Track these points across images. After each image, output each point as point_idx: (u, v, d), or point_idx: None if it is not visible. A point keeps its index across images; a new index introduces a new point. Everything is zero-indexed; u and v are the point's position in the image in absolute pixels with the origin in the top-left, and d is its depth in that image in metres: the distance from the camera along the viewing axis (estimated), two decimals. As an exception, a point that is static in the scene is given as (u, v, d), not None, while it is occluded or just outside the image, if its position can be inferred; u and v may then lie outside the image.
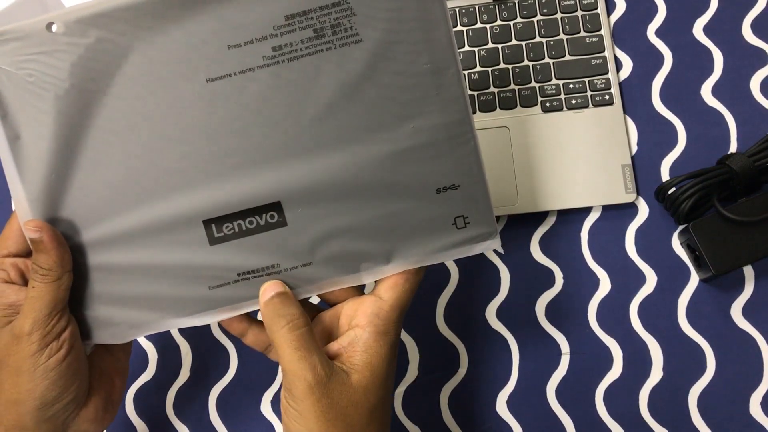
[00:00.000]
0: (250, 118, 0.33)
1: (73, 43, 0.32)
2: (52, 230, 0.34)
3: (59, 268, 0.34)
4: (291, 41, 0.32)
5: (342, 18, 0.32)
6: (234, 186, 0.34)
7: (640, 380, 0.46)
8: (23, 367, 0.33)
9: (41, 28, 0.32)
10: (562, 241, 0.49)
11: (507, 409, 0.47)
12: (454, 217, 0.35)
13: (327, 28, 0.32)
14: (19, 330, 0.33)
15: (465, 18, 0.53)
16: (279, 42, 0.32)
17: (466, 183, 0.35)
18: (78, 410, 0.36)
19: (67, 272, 0.34)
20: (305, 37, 0.32)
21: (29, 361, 0.33)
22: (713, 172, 0.46)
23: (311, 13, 0.32)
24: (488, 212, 0.35)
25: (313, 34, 0.32)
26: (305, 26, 0.32)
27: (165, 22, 0.32)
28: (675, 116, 0.50)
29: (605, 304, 0.48)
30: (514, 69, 0.52)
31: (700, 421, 0.45)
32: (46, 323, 0.33)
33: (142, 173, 0.34)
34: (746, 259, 0.44)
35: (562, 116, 0.50)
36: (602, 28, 0.52)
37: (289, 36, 0.32)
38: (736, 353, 0.46)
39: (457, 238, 0.36)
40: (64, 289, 0.34)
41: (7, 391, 0.34)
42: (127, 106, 0.33)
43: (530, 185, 0.49)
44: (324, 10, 0.32)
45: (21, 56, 0.32)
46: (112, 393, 0.39)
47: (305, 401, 0.32)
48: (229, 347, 0.51)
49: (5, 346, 0.34)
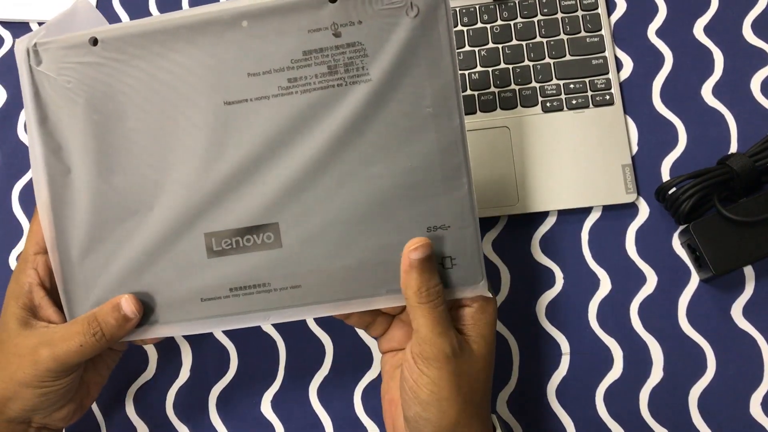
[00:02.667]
0: (258, 141, 0.35)
1: (111, 58, 0.35)
2: (140, 318, 0.36)
3: (115, 342, 0.36)
4: (306, 75, 0.34)
5: (355, 57, 0.34)
6: (236, 204, 0.36)
7: (640, 380, 0.46)
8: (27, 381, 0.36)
9: (85, 41, 0.35)
10: (562, 241, 0.49)
11: (507, 409, 0.47)
12: (442, 257, 0.36)
13: (340, 65, 0.34)
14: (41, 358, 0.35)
15: (465, 18, 0.53)
16: (295, 74, 0.34)
17: (457, 225, 0.36)
18: (53, 413, 0.39)
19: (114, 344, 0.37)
20: (319, 72, 0.34)
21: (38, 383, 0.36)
22: (714, 173, 0.46)
23: (328, 50, 0.34)
24: (476, 257, 0.36)
25: (327, 70, 0.34)
26: (320, 62, 0.34)
27: (194, 47, 0.35)
28: (675, 116, 0.50)
29: (605, 304, 0.48)
30: (515, 69, 0.52)
31: (701, 421, 0.45)
32: (71, 367, 0.36)
33: (154, 183, 0.36)
34: (746, 259, 0.44)
35: (563, 116, 0.50)
36: (603, 28, 0.52)
37: (305, 70, 0.34)
38: (737, 353, 0.46)
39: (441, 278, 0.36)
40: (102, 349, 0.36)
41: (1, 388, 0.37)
42: (151, 119, 0.35)
43: (530, 185, 0.49)
44: (340, 48, 0.34)
45: (63, 64, 0.35)
46: (86, 400, 0.42)
47: (442, 370, 0.34)
48: (229, 347, 0.51)
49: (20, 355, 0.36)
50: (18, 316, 0.37)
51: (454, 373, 0.34)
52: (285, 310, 0.37)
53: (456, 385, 0.34)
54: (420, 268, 0.34)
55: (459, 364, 0.34)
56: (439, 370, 0.34)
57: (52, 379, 0.36)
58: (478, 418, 0.35)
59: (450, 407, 0.34)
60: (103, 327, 0.35)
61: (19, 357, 0.36)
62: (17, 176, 0.56)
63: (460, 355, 0.34)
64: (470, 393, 0.35)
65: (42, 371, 0.36)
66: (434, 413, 0.34)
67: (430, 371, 0.34)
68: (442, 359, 0.34)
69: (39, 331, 0.37)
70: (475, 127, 0.51)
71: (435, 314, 0.34)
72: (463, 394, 0.34)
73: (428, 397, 0.34)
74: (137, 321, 0.36)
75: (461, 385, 0.34)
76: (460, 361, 0.34)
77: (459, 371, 0.34)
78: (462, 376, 0.34)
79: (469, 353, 0.35)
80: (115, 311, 0.35)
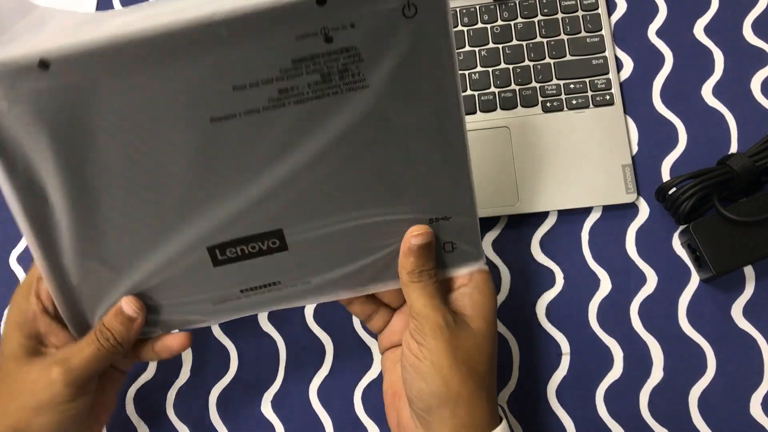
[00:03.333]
0: (254, 155, 0.33)
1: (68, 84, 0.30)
2: (145, 316, 0.37)
3: (129, 346, 0.37)
4: (298, 84, 0.32)
5: (350, 63, 0.31)
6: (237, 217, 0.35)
7: (640, 380, 0.46)
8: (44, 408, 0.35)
9: (33, 65, 0.29)
10: (562, 241, 0.49)
11: (507, 409, 0.47)
12: (443, 242, 0.37)
13: (335, 72, 0.32)
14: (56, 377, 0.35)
15: (466, 18, 0.53)
16: (286, 85, 0.32)
17: (458, 215, 0.37)
18: None
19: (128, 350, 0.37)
20: (312, 81, 0.32)
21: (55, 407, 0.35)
22: (714, 173, 0.46)
23: (319, 57, 0.31)
24: (475, 238, 0.38)
25: (320, 79, 0.32)
26: (312, 70, 0.31)
27: (169, 60, 0.30)
28: (675, 116, 0.50)
29: (605, 304, 0.48)
30: (515, 69, 0.52)
31: (701, 421, 0.45)
32: (86, 380, 0.36)
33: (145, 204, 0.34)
34: (747, 259, 0.44)
35: (563, 116, 0.50)
36: (603, 28, 0.52)
37: (296, 80, 0.31)
38: (737, 353, 0.46)
39: (444, 260, 0.38)
40: (117, 359, 0.37)
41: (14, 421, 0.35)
42: (129, 143, 0.32)
43: (530, 185, 0.49)
44: (332, 55, 0.31)
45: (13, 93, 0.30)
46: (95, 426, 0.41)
47: (437, 339, 0.35)
48: (230, 347, 0.51)
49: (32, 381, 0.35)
50: (25, 345, 0.36)
51: (450, 344, 0.35)
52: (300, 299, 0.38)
53: (454, 355, 0.34)
54: (418, 253, 0.36)
55: (455, 335, 0.35)
56: (436, 340, 0.35)
57: (68, 400, 0.36)
58: (484, 394, 0.35)
59: (452, 377, 0.34)
60: (113, 332, 0.36)
61: (31, 383, 0.35)
62: (17, 176, 0.56)
63: (455, 328, 0.35)
64: (471, 366, 0.35)
65: (57, 391, 0.35)
66: (437, 384, 0.34)
67: (427, 341, 0.35)
68: (437, 330, 0.35)
69: (50, 353, 0.37)
70: (475, 127, 0.51)
71: (428, 290, 0.36)
72: (463, 364, 0.35)
73: (429, 368, 0.34)
74: (142, 320, 0.36)
75: (459, 356, 0.35)
76: (455, 332, 0.35)
77: (456, 343, 0.35)
78: (460, 348, 0.35)
79: (465, 328, 0.36)
80: (118, 315, 0.36)
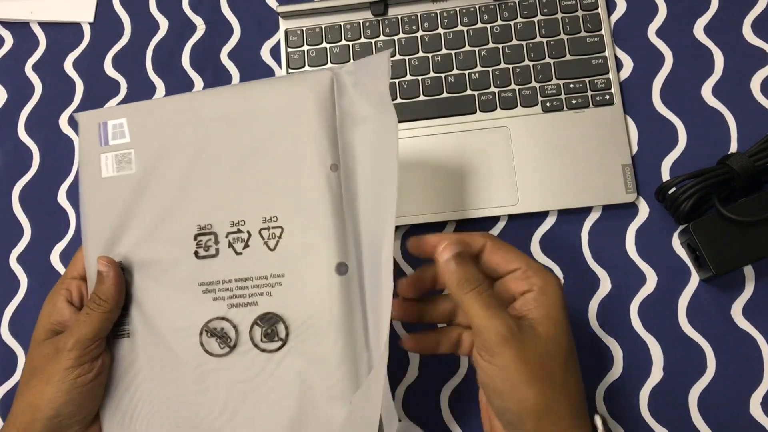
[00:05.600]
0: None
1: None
2: (118, 269, 0.39)
3: (114, 302, 0.39)
4: None
5: None
6: None
7: (640, 380, 0.46)
8: (54, 378, 0.37)
9: None
10: (562, 241, 0.49)
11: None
12: None
13: None
14: (62, 345, 0.37)
15: (465, 18, 0.53)
16: None
17: None
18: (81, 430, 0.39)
19: (119, 308, 0.39)
20: None
21: (62, 373, 0.37)
22: (713, 172, 0.46)
23: None
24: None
25: None
26: None
27: None
28: (675, 116, 0.50)
29: (605, 304, 0.48)
30: (515, 69, 0.52)
31: (701, 421, 0.45)
32: (87, 345, 0.38)
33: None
34: (746, 259, 0.44)
35: (563, 116, 0.50)
36: (603, 28, 0.52)
37: None
38: (737, 353, 0.46)
39: None
40: (111, 320, 0.39)
41: (32, 396, 0.37)
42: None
43: (530, 185, 0.49)
44: None
45: None
46: None
47: (504, 354, 0.33)
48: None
49: (45, 356, 0.38)
50: (48, 330, 0.40)
51: (519, 356, 0.33)
52: None
53: (525, 367, 0.33)
54: (455, 264, 0.35)
55: (522, 343, 0.33)
56: (503, 354, 0.33)
57: (72, 366, 0.37)
58: (565, 402, 0.33)
59: (527, 392, 0.32)
60: (98, 293, 0.39)
61: (44, 357, 0.38)
62: (17, 176, 0.56)
63: (520, 335, 0.33)
64: (545, 374, 0.33)
65: (63, 357, 0.37)
66: (513, 402, 0.33)
67: (495, 359, 0.33)
68: (502, 342, 0.33)
69: None
70: (475, 127, 0.51)
71: (482, 299, 0.34)
72: (536, 374, 0.33)
73: (503, 385, 0.33)
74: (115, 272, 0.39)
75: (531, 366, 0.33)
76: (522, 340, 0.33)
77: (525, 352, 0.33)
78: (530, 357, 0.33)
79: (532, 333, 0.34)
80: (98, 277, 0.39)
